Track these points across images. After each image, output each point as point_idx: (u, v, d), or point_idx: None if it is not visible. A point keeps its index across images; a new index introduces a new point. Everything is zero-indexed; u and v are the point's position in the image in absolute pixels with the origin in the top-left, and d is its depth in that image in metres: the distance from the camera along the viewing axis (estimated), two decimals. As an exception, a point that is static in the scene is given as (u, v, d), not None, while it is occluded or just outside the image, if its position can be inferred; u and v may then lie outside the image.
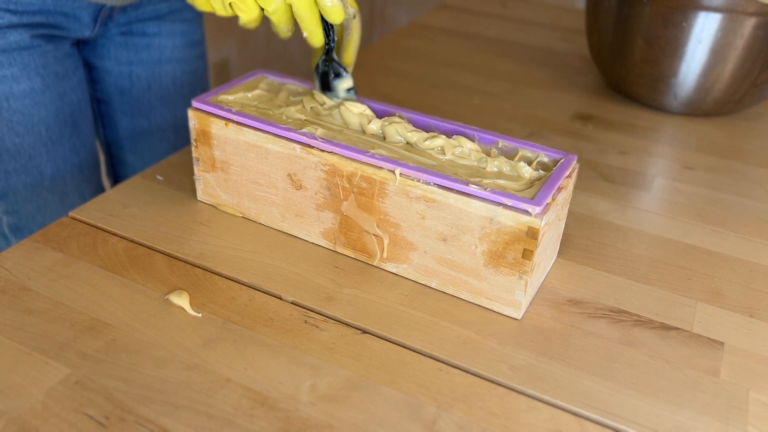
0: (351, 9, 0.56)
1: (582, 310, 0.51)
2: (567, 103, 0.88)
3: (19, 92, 0.68)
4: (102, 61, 0.80)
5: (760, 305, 0.53)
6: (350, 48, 0.59)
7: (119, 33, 0.78)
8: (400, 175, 0.49)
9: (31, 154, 0.71)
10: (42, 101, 0.70)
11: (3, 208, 0.72)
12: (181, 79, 0.84)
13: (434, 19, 1.18)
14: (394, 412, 0.42)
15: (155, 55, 0.81)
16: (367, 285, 0.52)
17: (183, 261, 0.54)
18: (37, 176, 0.72)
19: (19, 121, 0.68)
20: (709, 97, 0.81)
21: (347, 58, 0.59)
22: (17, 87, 0.67)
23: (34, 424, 0.39)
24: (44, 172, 0.72)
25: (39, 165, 0.72)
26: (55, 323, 0.47)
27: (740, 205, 0.67)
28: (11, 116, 0.68)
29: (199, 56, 0.86)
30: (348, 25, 0.58)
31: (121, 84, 0.81)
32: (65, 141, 0.73)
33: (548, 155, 0.53)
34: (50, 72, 0.70)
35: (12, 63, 0.66)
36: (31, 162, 0.71)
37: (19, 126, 0.69)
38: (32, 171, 0.71)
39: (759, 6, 0.72)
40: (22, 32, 0.66)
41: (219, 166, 0.57)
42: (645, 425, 0.42)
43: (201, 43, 0.86)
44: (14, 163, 0.70)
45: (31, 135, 0.70)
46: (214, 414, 0.41)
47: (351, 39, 0.58)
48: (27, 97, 0.68)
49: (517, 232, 0.46)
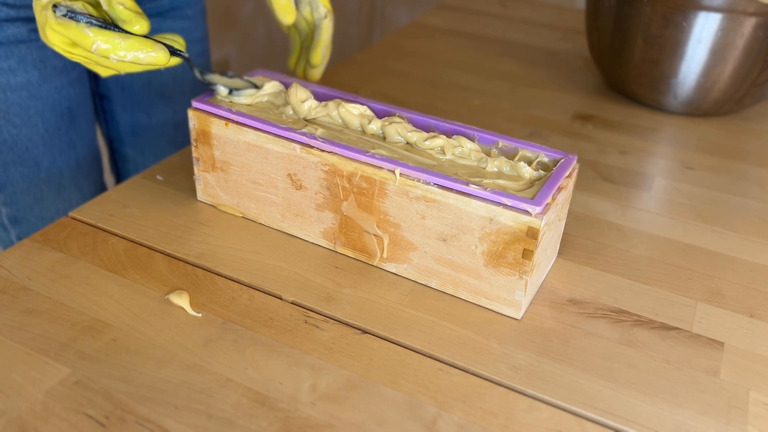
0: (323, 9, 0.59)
1: (582, 310, 0.51)
2: (567, 103, 0.88)
3: (16, 84, 0.68)
4: None
5: (760, 305, 0.53)
6: (319, 47, 0.61)
7: None
8: (400, 175, 0.49)
9: (28, 145, 0.71)
10: (39, 94, 0.70)
11: (2, 200, 0.72)
12: (182, 75, 0.83)
13: (434, 19, 1.18)
14: (394, 412, 0.42)
15: None
16: (367, 285, 0.52)
17: (183, 261, 0.54)
18: (34, 168, 0.72)
19: (15, 112, 0.69)
20: (709, 97, 0.81)
21: (315, 57, 0.62)
22: (14, 79, 0.68)
23: (34, 424, 0.39)
24: (41, 164, 0.73)
25: (36, 156, 0.72)
26: (55, 323, 0.47)
27: (740, 205, 0.67)
28: (8, 108, 0.68)
29: (201, 53, 0.86)
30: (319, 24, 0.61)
31: (121, 80, 0.81)
32: (62, 134, 0.74)
33: (548, 155, 0.53)
34: (48, 66, 0.70)
35: (9, 56, 0.66)
36: (27, 153, 0.71)
37: (15, 118, 0.69)
38: (29, 163, 0.72)
39: (759, 6, 0.72)
40: (20, 26, 0.66)
41: (219, 166, 0.57)
42: (645, 425, 0.42)
43: (203, 40, 0.86)
44: (11, 155, 0.70)
45: (27, 127, 0.70)
46: (214, 414, 0.41)
47: (320, 39, 0.61)
48: (24, 89, 0.68)
49: (517, 232, 0.46)
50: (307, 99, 0.56)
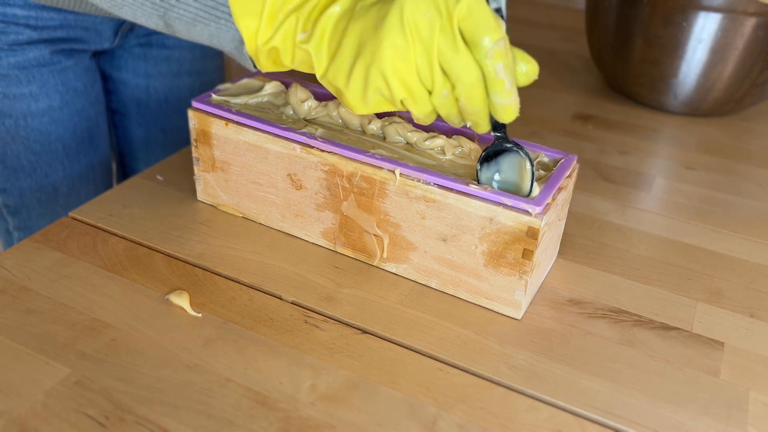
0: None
1: (582, 310, 0.51)
2: (567, 103, 0.88)
3: (37, 110, 0.66)
4: (119, 72, 0.78)
5: (760, 305, 0.53)
6: None
7: (138, 44, 0.76)
8: (400, 175, 0.49)
9: (47, 171, 0.69)
10: (60, 118, 0.68)
11: (14, 224, 0.71)
12: (200, 91, 0.82)
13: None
14: (394, 412, 0.42)
15: (174, 68, 0.79)
16: (367, 285, 0.52)
17: (183, 261, 0.54)
18: (51, 193, 0.71)
19: (36, 139, 0.67)
20: (709, 97, 0.81)
21: None
22: (35, 105, 0.66)
23: (34, 424, 0.39)
24: (59, 189, 0.71)
25: (54, 182, 0.70)
26: (55, 323, 0.47)
27: (740, 205, 0.66)
28: (28, 134, 0.66)
29: (217, 68, 0.84)
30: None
31: (137, 96, 0.79)
32: (81, 157, 0.72)
33: (548, 155, 0.53)
34: (69, 89, 0.68)
35: (31, 80, 0.65)
36: (46, 180, 0.69)
37: (36, 144, 0.67)
38: (47, 188, 0.70)
39: (759, 6, 0.72)
40: (42, 48, 0.64)
41: (219, 166, 0.57)
42: (645, 425, 0.42)
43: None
44: (29, 181, 0.69)
45: (47, 153, 0.68)
46: (214, 414, 0.41)
47: None
48: (45, 115, 0.67)
49: (517, 232, 0.46)
50: (307, 99, 0.56)
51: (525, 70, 0.43)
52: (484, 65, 0.40)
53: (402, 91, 0.42)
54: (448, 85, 0.42)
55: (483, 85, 0.41)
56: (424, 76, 0.41)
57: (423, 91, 0.42)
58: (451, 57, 0.40)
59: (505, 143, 0.47)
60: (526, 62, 0.43)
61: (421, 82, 0.42)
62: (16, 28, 0.62)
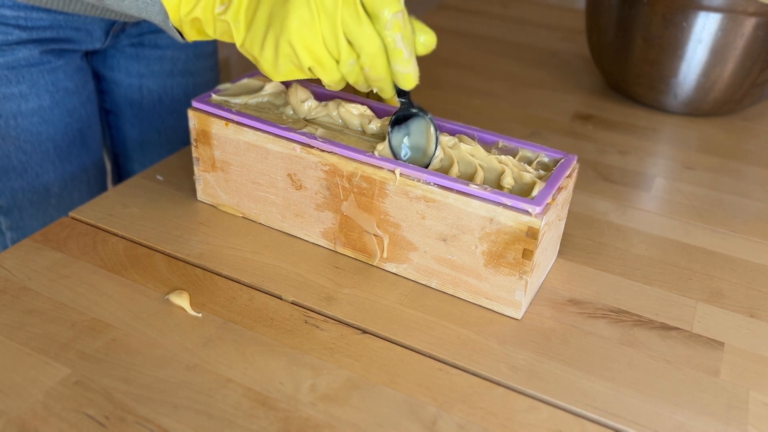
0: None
1: (582, 310, 0.51)
2: (567, 103, 0.88)
3: (27, 110, 0.66)
4: (111, 72, 0.78)
5: (760, 305, 0.53)
6: None
7: (130, 44, 0.75)
8: (400, 175, 0.49)
9: (38, 171, 0.69)
10: (50, 119, 0.68)
11: (7, 224, 0.71)
12: (194, 91, 0.82)
13: (434, 19, 1.18)
14: (394, 412, 0.42)
15: (167, 68, 0.78)
16: (367, 285, 0.52)
17: (183, 261, 0.54)
18: (43, 193, 0.70)
19: (26, 139, 0.67)
20: (709, 97, 0.81)
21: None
22: (25, 105, 0.66)
23: (34, 424, 0.39)
24: (51, 190, 0.71)
25: (46, 182, 0.70)
26: (55, 323, 0.47)
27: (740, 205, 0.67)
28: (18, 134, 0.66)
29: (211, 68, 0.84)
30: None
31: (131, 96, 0.79)
32: (73, 158, 0.72)
33: (548, 155, 0.53)
34: (60, 89, 0.68)
35: (20, 80, 0.64)
36: (38, 180, 0.69)
37: (26, 144, 0.67)
38: (39, 189, 0.70)
39: (759, 6, 0.72)
40: (32, 48, 0.64)
41: (219, 166, 0.57)
42: (645, 425, 0.42)
43: (213, 55, 0.84)
44: (20, 182, 0.68)
45: (38, 153, 0.68)
46: (214, 414, 0.41)
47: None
48: (35, 115, 0.66)
49: (517, 232, 0.46)
50: (307, 99, 0.56)
51: (423, 40, 0.47)
52: (384, 36, 0.44)
53: (309, 59, 0.45)
54: (353, 55, 0.45)
55: (384, 54, 0.45)
56: (331, 46, 0.44)
57: (331, 60, 0.46)
58: (354, 28, 0.43)
59: (411, 108, 0.50)
60: (425, 33, 0.47)
61: (328, 51, 0.45)
62: (5, 28, 0.62)
